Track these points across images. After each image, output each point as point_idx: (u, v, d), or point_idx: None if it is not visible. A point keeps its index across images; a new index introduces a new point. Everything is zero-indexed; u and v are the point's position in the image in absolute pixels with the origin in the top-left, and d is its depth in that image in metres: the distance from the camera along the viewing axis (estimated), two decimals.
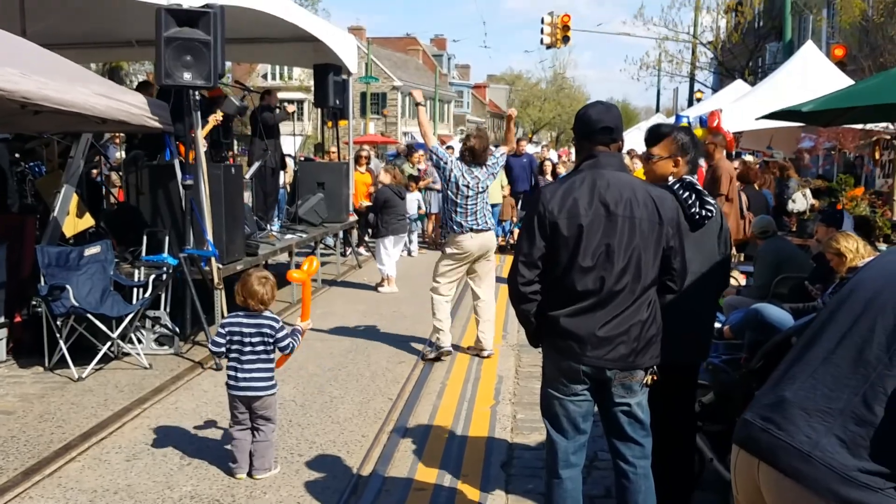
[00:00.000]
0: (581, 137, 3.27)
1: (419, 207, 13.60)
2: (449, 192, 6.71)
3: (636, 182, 3.20)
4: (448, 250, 6.85)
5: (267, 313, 4.40)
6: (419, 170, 14.48)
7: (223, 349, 4.39)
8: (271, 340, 4.35)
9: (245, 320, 4.36)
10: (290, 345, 4.41)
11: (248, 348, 4.32)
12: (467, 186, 6.65)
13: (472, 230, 6.68)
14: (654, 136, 3.71)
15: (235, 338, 4.34)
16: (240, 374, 4.32)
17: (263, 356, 4.35)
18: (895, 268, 2.00)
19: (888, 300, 1.89)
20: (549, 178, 13.81)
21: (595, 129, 3.19)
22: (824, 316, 2.05)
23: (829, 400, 1.87)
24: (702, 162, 8.49)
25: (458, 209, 6.66)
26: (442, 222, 7.20)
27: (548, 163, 14.80)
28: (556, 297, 3.13)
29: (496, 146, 7.26)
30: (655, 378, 3.20)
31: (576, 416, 3.20)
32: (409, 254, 13.17)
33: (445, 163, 6.74)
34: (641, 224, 3.06)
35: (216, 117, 8.37)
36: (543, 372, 3.33)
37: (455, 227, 6.70)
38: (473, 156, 6.76)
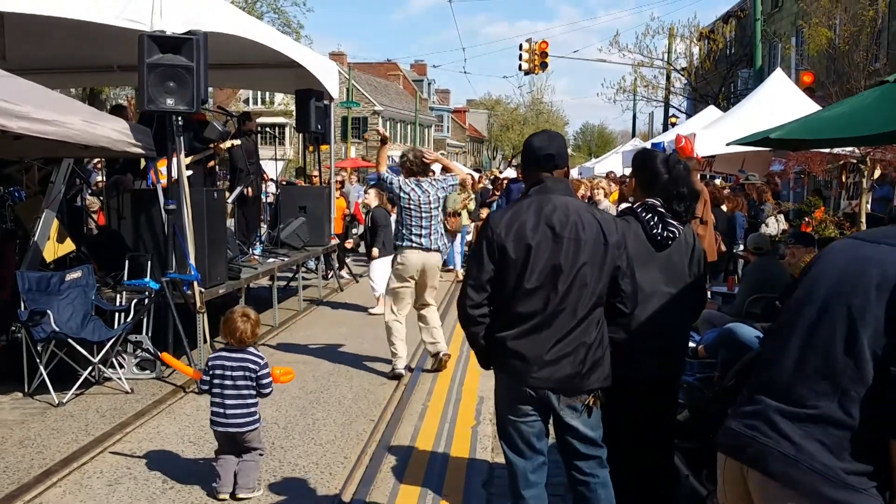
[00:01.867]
0: (528, 165, 3.43)
1: None
2: (402, 207, 6.86)
3: (581, 206, 3.33)
4: (395, 266, 6.99)
5: (251, 349, 4.44)
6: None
7: (207, 386, 4.42)
8: (254, 376, 4.36)
9: (229, 355, 4.40)
10: (272, 389, 4.46)
11: (229, 382, 4.34)
12: (419, 200, 6.81)
13: (420, 248, 6.82)
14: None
15: (218, 372, 4.36)
16: (223, 411, 4.33)
17: (245, 391, 4.36)
18: (838, 278, 2.05)
19: (837, 312, 1.97)
20: None
21: (539, 156, 3.35)
22: (786, 321, 2.13)
23: (808, 406, 1.95)
24: None
25: (412, 225, 6.82)
26: (394, 240, 7.32)
27: None
28: (503, 319, 3.22)
29: (479, 171, 7.42)
30: (598, 401, 3.25)
31: (529, 436, 3.27)
32: None
33: (393, 182, 6.91)
34: (587, 246, 3.17)
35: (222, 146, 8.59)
36: (495, 393, 3.41)
37: (403, 242, 6.85)
38: (419, 165, 6.98)
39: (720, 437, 2.15)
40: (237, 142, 9.64)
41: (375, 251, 10.12)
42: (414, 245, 6.82)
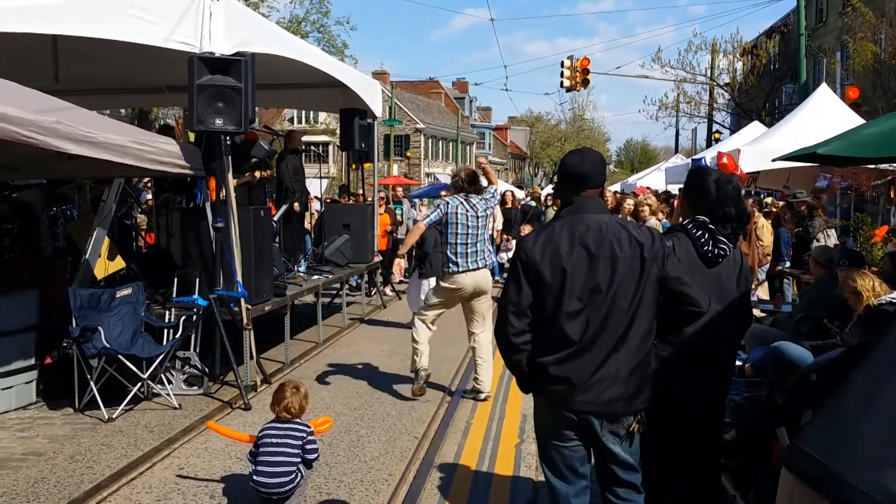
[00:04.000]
0: (561, 184, 3.36)
1: None
2: (450, 233, 6.72)
3: (615, 223, 3.19)
4: (442, 284, 6.87)
5: (298, 420, 4.38)
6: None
7: (253, 458, 4.29)
8: (298, 443, 4.27)
9: (276, 425, 4.35)
10: (318, 456, 4.38)
11: (271, 449, 4.25)
12: (468, 218, 6.72)
13: (468, 270, 6.71)
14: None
15: (265, 440, 4.30)
16: (263, 479, 4.19)
17: (288, 458, 4.23)
18: None
19: None
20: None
21: (570, 174, 3.27)
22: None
23: None
24: None
25: (457, 250, 6.70)
26: (443, 258, 7.20)
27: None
28: (544, 344, 3.14)
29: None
30: (642, 427, 3.17)
31: (572, 461, 3.20)
32: None
33: (441, 214, 6.76)
34: (624, 263, 3.07)
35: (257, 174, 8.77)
36: (535, 418, 3.35)
37: (451, 268, 6.73)
38: (472, 182, 6.91)
39: None
40: (263, 173, 9.77)
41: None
42: (461, 269, 6.70)
